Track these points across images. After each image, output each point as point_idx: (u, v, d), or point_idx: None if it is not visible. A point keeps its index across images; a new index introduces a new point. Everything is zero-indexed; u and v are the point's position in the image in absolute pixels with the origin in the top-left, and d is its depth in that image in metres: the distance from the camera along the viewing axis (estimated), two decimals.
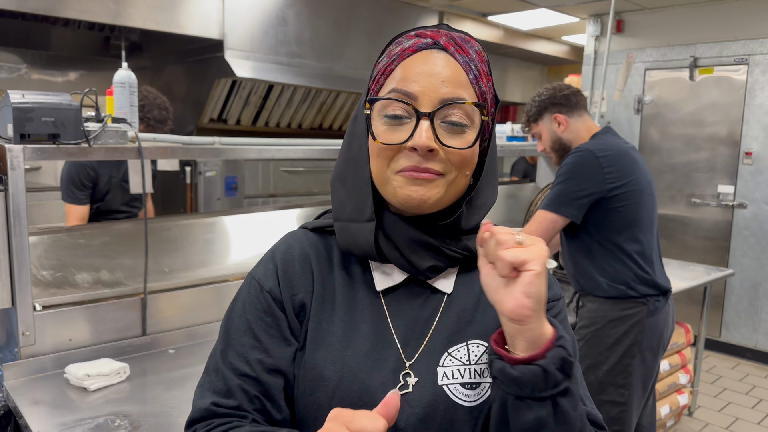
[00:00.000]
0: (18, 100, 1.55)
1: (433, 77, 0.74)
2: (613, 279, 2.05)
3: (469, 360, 0.77)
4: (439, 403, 0.74)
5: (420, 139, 0.72)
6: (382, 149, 0.75)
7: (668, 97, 4.72)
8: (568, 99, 2.18)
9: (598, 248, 2.07)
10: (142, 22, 3.69)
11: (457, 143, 0.74)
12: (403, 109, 0.74)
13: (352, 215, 0.79)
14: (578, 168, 2.03)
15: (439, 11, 5.24)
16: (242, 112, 4.53)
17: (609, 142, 2.09)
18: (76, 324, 1.73)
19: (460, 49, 0.76)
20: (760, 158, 4.29)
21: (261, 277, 0.81)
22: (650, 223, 2.10)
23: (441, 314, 0.80)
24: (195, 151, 1.97)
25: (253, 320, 0.79)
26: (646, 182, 2.09)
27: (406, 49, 0.77)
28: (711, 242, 4.57)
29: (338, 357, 0.76)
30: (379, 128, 0.76)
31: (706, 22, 4.50)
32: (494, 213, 3.51)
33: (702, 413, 3.48)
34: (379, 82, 0.78)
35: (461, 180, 0.77)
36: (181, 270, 2.08)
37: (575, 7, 4.84)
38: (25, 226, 1.57)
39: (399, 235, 0.78)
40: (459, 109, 0.74)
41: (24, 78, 4.39)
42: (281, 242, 0.85)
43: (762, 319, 4.33)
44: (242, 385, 0.77)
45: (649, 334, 2.05)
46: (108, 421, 1.40)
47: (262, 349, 0.78)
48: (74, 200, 2.59)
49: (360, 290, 0.81)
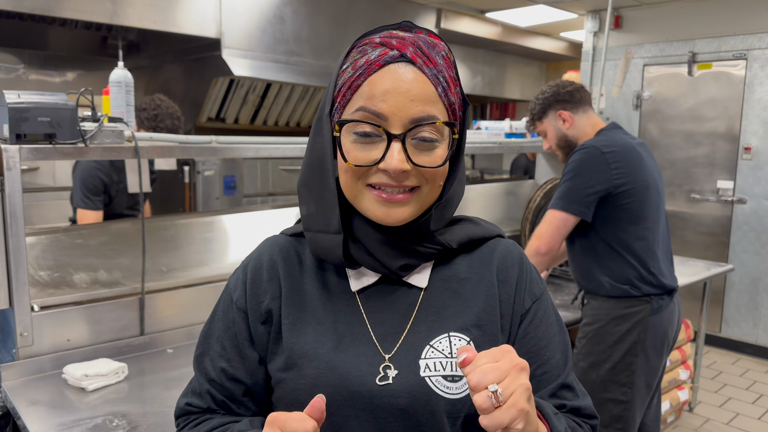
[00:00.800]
0: (14, 100, 1.54)
1: (402, 96, 0.72)
2: (617, 279, 2.04)
3: (451, 353, 0.77)
4: (421, 395, 0.75)
5: (392, 161, 0.72)
6: (352, 169, 0.75)
7: (667, 93, 4.71)
8: (572, 95, 2.16)
9: (602, 246, 2.05)
10: (139, 22, 3.69)
11: (428, 160, 0.74)
12: (373, 129, 0.73)
13: (320, 226, 0.79)
14: (585, 164, 2.02)
15: (437, 8, 5.23)
16: (240, 111, 4.52)
17: (615, 139, 2.07)
18: (74, 324, 1.73)
19: (428, 60, 0.74)
20: (759, 153, 4.28)
21: (232, 287, 0.86)
22: (656, 220, 2.08)
23: (419, 308, 0.80)
24: (192, 150, 1.96)
25: (222, 329, 0.85)
26: (652, 179, 2.07)
27: (372, 63, 0.74)
28: (711, 238, 4.57)
29: (315, 355, 0.77)
30: (347, 146, 0.75)
31: (704, 17, 4.50)
32: (494, 211, 3.51)
33: (702, 409, 3.48)
34: (346, 97, 0.76)
35: (434, 191, 0.78)
36: (180, 269, 2.07)
37: (573, 4, 4.83)
38: (21, 226, 1.57)
39: (369, 239, 0.78)
40: (428, 128, 0.74)
41: (21, 78, 4.38)
42: (255, 250, 0.88)
43: (762, 314, 4.33)
44: (210, 390, 0.83)
45: (653, 332, 2.03)
46: (106, 421, 1.40)
47: (226, 358, 0.83)
48: (89, 206, 2.60)
49: (335, 292, 0.82)
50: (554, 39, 6.39)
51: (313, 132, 0.81)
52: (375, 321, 0.79)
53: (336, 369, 0.76)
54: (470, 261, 0.84)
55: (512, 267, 0.85)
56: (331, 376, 0.75)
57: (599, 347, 2.06)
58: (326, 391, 0.74)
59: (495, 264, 0.84)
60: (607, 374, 2.04)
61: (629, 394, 2.02)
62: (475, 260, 0.85)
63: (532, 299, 0.84)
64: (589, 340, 2.08)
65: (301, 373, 0.77)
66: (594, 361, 2.06)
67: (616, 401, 2.03)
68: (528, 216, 3.01)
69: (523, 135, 3.35)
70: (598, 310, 2.08)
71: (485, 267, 0.84)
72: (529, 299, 0.84)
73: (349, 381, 0.75)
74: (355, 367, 0.76)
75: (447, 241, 0.81)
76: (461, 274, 0.83)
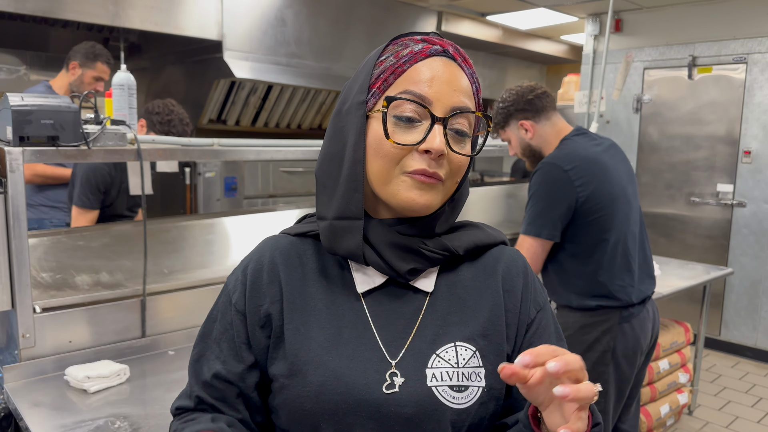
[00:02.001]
0: (17, 102, 1.55)
1: (446, 84, 0.76)
2: (584, 294, 1.99)
3: (457, 363, 0.77)
4: (428, 405, 0.75)
5: (434, 142, 0.75)
6: (393, 148, 0.76)
7: (667, 96, 4.72)
8: (532, 104, 2.07)
9: (569, 262, 2.01)
10: (140, 24, 3.69)
11: (461, 150, 0.78)
12: (416, 112, 0.76)
13: (339, 213, 0.79)
14: (549, 186, 1.97)
15: (438, 11, 5.24)
16: (241, 113, 4.53)
17: (576, 151, 2.00)
18: (76, 326, 1.73)
19: (465, 60, 0.80)
20: (758, 157, 4.29)
21: (231, 288, 0.85)
22: (626, 230, 2.01)
23: (424, 313, 0.80)
24: (194, 152, 1.97)
25: (220, 330, 0.84)
26: (619, 188, 2.00)
27: (417, 52, 0.78)
28: (710, 241, 4.57)
29: (320, 362, 0.77)
30: (390, 128, 0.76)
31: (704, 21, 4.51)
32: (493, 213, 3.51)
33: (702, 412, 3.48)
34: (388, 81, 0.78)
35: (453, 187, 0.80)
36: (181, 271, 2.08)
37: (574, 7, 4.84)
38: (24, 228, 1.57)
39: (378, 240, 0.79)
40: (465, 119, 0.78)
41: (23, 79, 4.39)
42: (255, 251, 0.87)
43: (762, 317, 4.34)
44: (200, 394, 0.83)
45: (623, 340, 1.98)
46: (108, 422, 1.40)
47: (222, 360, 0.82)
48: (86, 204, 2.58)
49: (339, 294, 0.81)
50: (555, 42, 6.40)
51: (332, 124, 0.82)
52: (380, 325, 0.79)
53: (342, 377, 0.75)
54: (475, 269, 0.85)
55: (517, 277, 0.85)
56: (337, 384, 0.75)
57: None
58: (332, 398, 0.74)
59: (500, 273, 0.85)
60: None
61: (602, 404, 1.98)
62: (480, 268, 0.85)
63: (536, 309, 0.85)
64: None
65: (306, 380, 0.76)
66: None
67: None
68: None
69: None
70: (566, 319, 2.05)
71: (490, 276, 0.84)
72: (534, 309, 0.85)
73: (356, 389, 0.75)
74: (361, 375, 0.76)
75: (455, 247, 0.82)
76: (467, 281, 0.84)
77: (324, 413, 0.75)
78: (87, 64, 3.06)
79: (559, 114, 2.14)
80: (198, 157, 1.99)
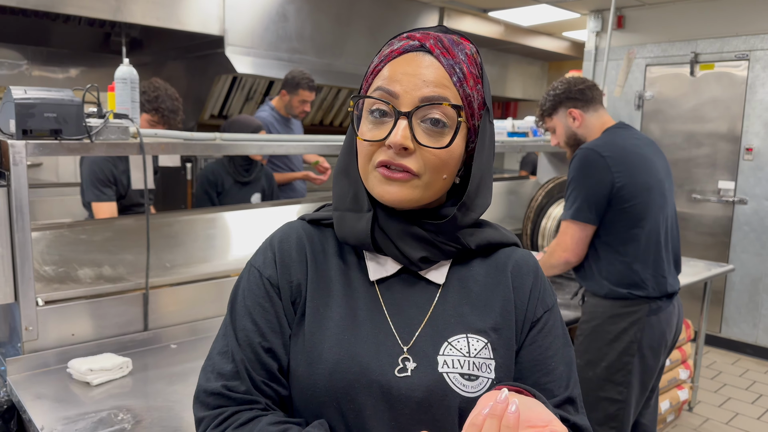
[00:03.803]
0: (20, 95, 1.55)
1: (415, 77, 0.77)
2: (616, 282, 2.03)
3: (469, 352, 0.79)
4: (438, 390, 0.76)
5: (395, 137, 0.75)
6: (364, 145, 0.79)
7: (669, 93, 4.72)
8: (583, 93, 2.14)
9: (604, 249, 2.05)
10: (142, 18, 3.70)
11: (432, 143, 0.77)
12: (386, 107, 0.78)
13: (351, 205, 0.82)
14: (588, 170, 2.02)
15: (440, 7, 5.24)
16: (243, 108, 4.53)
17: (616, 140, 2.06)
18: (79, 319, 1.74)
19: (446, 52, 0.79)
20: (760, 154, 4.29)
21: (260, 265, 0.84)
22: (659, 222, 2.04)
23: (436, 304, 0.82)
24: (196, 147, 1.97)
25: (252, 305, 0.81)
26: (655, 180, 2.04)
27: (394, 50, 0.80)
28: (711, 238, 4.57)
29: (336, 341, 0.78)
30: (364, 126, 0.80)
31: (706, 17, 4.50)
32: (495, 210, 3.51)
33: (702, 408, 3.49)
34: (368, 82, 0.82)
35: (438, 183, 0.79)
36: (183, 265, 2.08)
37: (576, 3, 4.84)
38: (27, 221, 1.58)
39: (392, 227, 0.81)
40: (438, 109, 0.77)
41: (25, 74, 4.39)
42: (279, 231, 0.88)
43: (762, 314, 4.34)
44: (248, 369, 0.78)
45: (650, 332, 2.03)
46: (111, 415, 1.41)
47: (260, 333, 0.80)
48: (101, 198, 2.55)
49: (355, 279, 0.83)
50: (557, 38, 6.39)
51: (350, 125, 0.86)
52: (393, 311, 0.81)
53: (357, 357, 0.77)
54: (487, 265, 0.86)
55: (527, 275, 0.87)
56: (351, 363, 0.76)
57: (595, 345, 2.06)
58: (345, 377, 0.76)
59: (510, 270, 0.86)
60: (603, 372, 2.04)
61: (625, 394, 2.02)
62: (492, 265, 0.86)
63: (543, 309, 0.86)
64: (586, 337, 2.09)
65: (321, 358, 0.77)
66: (590, 359, 2.07)
67: (612, 400, 2.04)
68: (530, 215, 3.02)
69: (525, 134, 3.35)
70: (595, 308, 2.09)
71: (501, 272, 0.86)
72: (541, 308, 0.86)
73: (370, 370, 0.76)
74: (375, 357, 0.77)
75: (467, 242, 0.83)
76: (478, 276, 0.85)
77: (336, 392, 0.76)
78: (291, 92, 3.47)
79: (604, 108, 2.19)
80: (200, 152, 1.99)
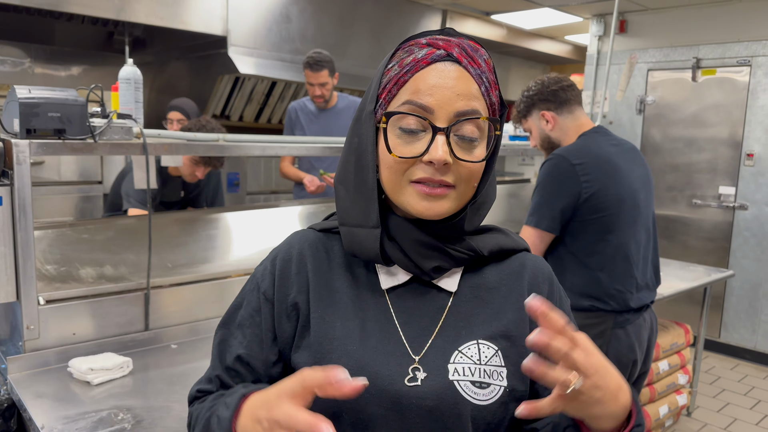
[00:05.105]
0: (24, 95, 1.56)
1: (448, 90, 0.75)
2: (580, 293, 1.95)
3: (479, 360, 0.78)
4: (449, 398, 0.75)
5: (437, 153, 0.74)
6: (396, 161, 0.76)
7: (670, 98, 4.72)
8: (556, 95, 2.03)
9: (570, 260, 1.97)
10: (145, 18, 3.70)
11: (469, 157, 0.76)
12: (418, 123, 0.76)
13: (358, 221, 0.81)
14: (555, 177, 1.94)
15: (443, 9, 5.24)
16: (245, 109, 4.53)
17: (588, 147, 1.97)
18: (80, 318, 1.74)
19: (472, 61, 0.77)
20: (761, 160, 4.29)
21: (259, 277, 0.86)
22: (628, 237, 1.95)
23: (448, 312, 0.81)
24: (199, 147, 1.97)
25: (245, 316, 0.85)
26: (629, 191, 1.95)
27: (419, 60, 0.77)
28: (711, 243, 4.58)
29: (344, 351, 0.78)
30: (393, 140, 0.77)
31: (709, 23, 4.50)
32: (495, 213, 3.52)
33: (701, 413, 3.49)
34: (392, 92, 0.78)
35: (469, 192, 0.79)
36: (184, 266, 2.09)
37: (579, 7, 4.84)
38: (30, 220, 1.58)
39: (404, 238, 0.80)
40: (472, 124, 0.76)
41: (27, 72, 4.39)
42: (284, 243, 0.88)
43: (761, 320, 4.34)
44: (221, 375, 0.84)
45: (616, 345, 1.94)
46: (111, 414, 1.41)
47: (245, 345, 0.83)
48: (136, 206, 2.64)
49: (364, 290, 0.82)
50: (559, 42, 6.40)
51: (350, 131, 0.83)
52: (403, 321, 0.80)
53: (366, 367, 0.76)
54: (499, 271, 0.85)
55: (543, 283, 0.86)
56: (360, 373, 0.75)
57: None
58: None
59: (526, 278, 0.85)
60: None
61: None
62: (505, 271, 0.86)
63: None
64: None
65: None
66: None
67: None
68: None
69: (527, 137, 3.35)
70: None
71: (515, 279, 0.85)
72: None
73: (379, 380, 0.75)
74: (384, 366, 0.76)
75: (479, 248, 0.82)
76: (490, 283, 0.84)
77: (345, 402, 0.75)
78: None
79: (583, 109, 2.10)
80: (203, 152, 2.00)
